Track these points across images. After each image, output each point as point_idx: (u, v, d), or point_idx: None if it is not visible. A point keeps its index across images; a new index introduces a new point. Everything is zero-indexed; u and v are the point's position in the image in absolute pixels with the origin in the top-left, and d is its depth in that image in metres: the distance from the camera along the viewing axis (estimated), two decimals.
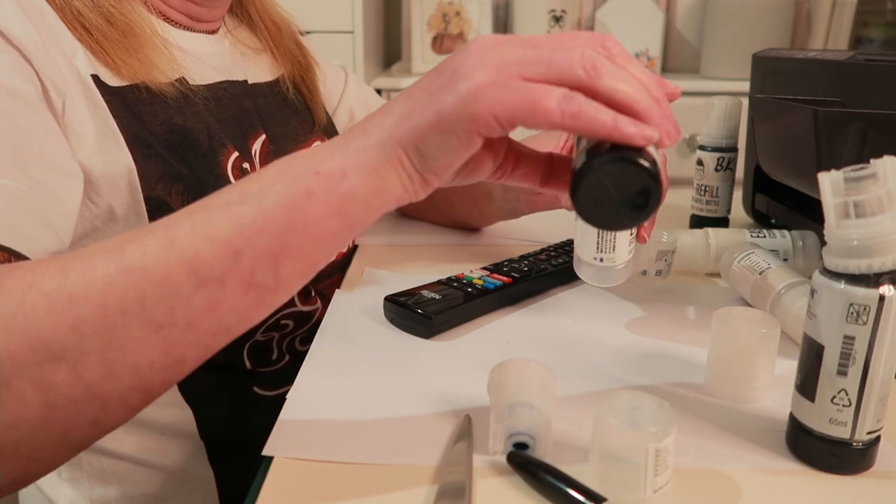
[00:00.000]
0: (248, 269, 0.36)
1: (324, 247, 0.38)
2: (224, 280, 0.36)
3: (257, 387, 0.63)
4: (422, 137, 0.36)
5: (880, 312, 0.36)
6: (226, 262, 0.36)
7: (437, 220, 0.85)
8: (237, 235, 0.36)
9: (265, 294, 0.37)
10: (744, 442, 0.43)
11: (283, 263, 0.37)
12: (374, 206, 0.38)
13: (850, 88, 0.63)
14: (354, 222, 0.38)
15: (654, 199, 0.36)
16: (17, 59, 0.47)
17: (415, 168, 0.37)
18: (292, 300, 0.62)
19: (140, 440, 0.60)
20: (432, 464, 0.40)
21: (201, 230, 0.36)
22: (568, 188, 0.42)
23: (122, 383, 0.36)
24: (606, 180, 0.36)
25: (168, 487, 0.62)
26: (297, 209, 0.36)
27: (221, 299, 0.36)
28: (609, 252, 0.51)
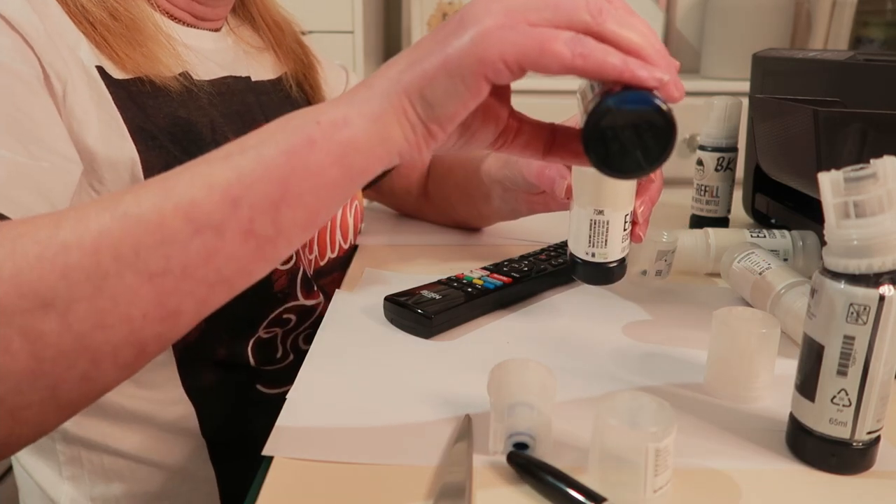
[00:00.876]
0: (246, 217, 0.35)
1: (325, 196, 0.37)
2: (222, 228, 0.35)
3: (261, 385, 0.63)
4: (428, 83, 0.36)
5: (880, 312, 0.36)
6: (224, 209, 0.35)
7: (436, 220, 0.86)
8: (236, 183, 0.35)
9: (264, 244, 0.36)
10: (744, 442, 0.43)
11: (282, 212, 0.36)
12: (377, 155, 0.37)
13: (850, 88, 0.63)
14: (356, 172, 0.37)
15: (670, 141, 0.36)
16: (18, 43, 0.48)
17: (419, 117, 0.37)
18: (294, 294, 0.62)
19: (142, 438, 0.60)
20: (432, 464, 0.40)
21: (199, 179, 0.36)
22: (570, 157, 0.42)
23: (114, 335, 0.35)
24: (621, 120, 0.36)
25: (169, 486, 0.62)
26: (297, 156, 0.36)
27: (219, 247, 0.35)
28: (601, 247, 0.51)
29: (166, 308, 0.36)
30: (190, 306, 0.36)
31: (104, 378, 0.36)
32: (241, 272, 0.37)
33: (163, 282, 0.35)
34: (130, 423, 0.59)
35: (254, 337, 0.61)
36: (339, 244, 0.73)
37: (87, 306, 0.34)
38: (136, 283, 0.35)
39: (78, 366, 0.35)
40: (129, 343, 0.36)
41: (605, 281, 0.53)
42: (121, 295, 0.34)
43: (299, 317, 0.64)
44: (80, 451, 0.60)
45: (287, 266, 0.61)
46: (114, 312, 0.35)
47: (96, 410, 0.58)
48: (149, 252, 0.34)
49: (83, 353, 0.35)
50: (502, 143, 0.42)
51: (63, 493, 0.61)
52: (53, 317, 0.34)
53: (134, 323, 0.35)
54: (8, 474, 1.18)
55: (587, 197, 0.51)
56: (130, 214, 0.35)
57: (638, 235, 0.53)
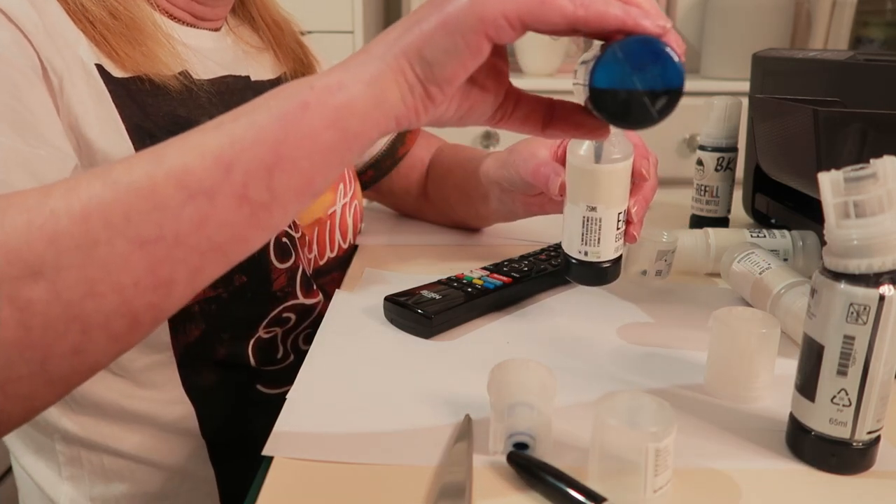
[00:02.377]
0: (239, 182, 0.35)
1: (319, 161, 0.36)
2: (214, 193, 0.34)
3: (261, 385, 0.63)
4: (426, 42, 0.35)
5: (880, 312, 0.36)
6: (216, 174, 0.34)
7: (436, 220, 0.86)
8: (228, 148, 0.35)
9: (258, 210, 0.35)
10: (744, 442, 0.43)
11: (276, 177, 0.35)
12: (373, 119, 0.36)
13: (850, 88, 0.63)
14: (351, 136, 0.36)
15: (679, 85, 0.36)
16: (17, 36, 0.48)
17: (417, 78, 0.36)
18: (294, 293, 0.62)
19: (141, 438, 0.60)
20: (432, 464, 0.40)
21: (191, 147, 0.35)
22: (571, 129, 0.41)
23: (105, 304, 0.34)
24: (628, 66, 0.35)
25: (169, 486, 0.62)
26: (290, 120, 0.35)
27: (211, 214, 0.35)
28: (594, 245, 0.51)
29: (158, 276, 0.35)
30: (183, 275, 0.35)
31: (95, 350, 0.35)
32: (235, 240, 0.36)
33: (155, 249, 0.34)
34: (130, 424, 0.59)
35: (254, 337, 0.61)
36: (339, 244, 0.72)
37: (77, 274, 0.33)
38: (127, 251, 0.34)
39: (68, 336, 0.34)
40: (120, 313, 0.35)
41: (599, 281, 0.52)
42: (111, 262, 0.34)
43: (299, 316, 0.64)
44: (80, 451, 0.60)
45: (286, 265, 0.61)
46: (104, 280, 0.34)
47: (96, 411, 0.58)
48: (140, 218, 0.34)
49: (73, 322, 0.34)
50: (501, 117, 0.42)
51: (63, 493, 0.61)
52: (42, 284, 0.33)
53: (125, 292, 0.34)
54: (8, 474, 1.18)
55: (580, 193, 0.50)
56: (121, 182, 0.34)
57: (632, 235, 0.53)
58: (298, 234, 0.64)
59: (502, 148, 1.60)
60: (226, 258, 0.37)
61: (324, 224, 0.70)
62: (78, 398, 0.58)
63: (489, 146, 1.57)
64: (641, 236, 0.61)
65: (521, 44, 1.61)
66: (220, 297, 0.57)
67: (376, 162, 0.84)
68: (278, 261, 0.60)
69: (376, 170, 0.85)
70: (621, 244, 0.52)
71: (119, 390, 0.58)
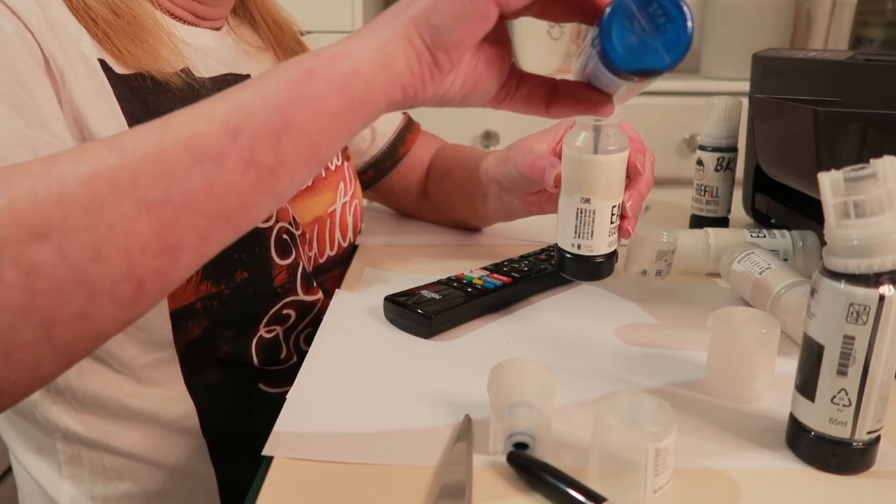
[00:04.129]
0: (247, 146, 0.35)
1: (326, 126, 0.36)
2: (221, 157, 0.34)
3: (263, 384, 0.63)
4: (434, 7, 0.36)
5: (880, 312, 0.36)
6: (223, 139, 0.35)
7: (436, 219, 0.86)
8: (235, 114, 0.35)
9: (265, 175, 0.35)
10: (744, 442, 0.43)
11: (283, 141, 0.35)
12: (379, 84, 0.36)
13: (850, 88, 0.63)
14: (358, 101, 0.36)
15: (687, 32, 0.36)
16: (19, 27, 0.49)
17: (424, 44, 0.36)
18: (294, 289, 0.62)
19: (142, 437, 0.60)
20: (432, 464, 0.40)
21: (199, 114, 0.35)
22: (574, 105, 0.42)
23: (112, 268, 0.34)
24: (636, 7, 0.36)
25: (169, 485, 0.62)
26: (297, 86, 0.35)
27: (219, 178, 0.35)
28: (587, 238, 0.51)
29: (166, 241, 0.35)
30: (190, 241, 0.35)
31: (101, 317, 0.35)
32: (242, 206, 0.36)
33: (162, 213, 0.34)
34: (131, 422, 0.59)
35: (256, 336, 0.61)
36: (339, 242, 0.73)
37: (84, 237, 0.33)
38: (134, 214, 0.34)
39: (74, 301, 0.34)
40: (127, 278, 0.34)
41: (592, 276, 0.52)
42: (118, 225, 0.34)
43: (299, 313, 0.64)
44: (81, 449, 0.60)
45: (287, 261, 0.61)
46: (111, 244, 0.34)
47: (98, 409, 0.58)
48: (147, 182, 0.34)
49: (79, 286, 0.34)
50: (504, 96, 0.42)
51: (63, 492, 0.61)
52: (48, 247, 0.33)
53: (132, 256, 0.34)
54: (8, 474, 1.18)
55: (574, 185, 0.50)
56: (128, 147, 0.34)
57: (626, 230, 0.53)
58: (299, 231, 0.64)
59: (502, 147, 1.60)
60: (233, 225, 0.36)
61: (324, 222, 0.70)
62: (80, 396, 0.58)
63: (489, 146, 1.57)
64: (641, 236, 0.61)
65: (521, 44, 1.61)
66: (223, 293, 0.57)
67: (376, 162, 0.84)
68: (279, 257, 0.60)
69: (376, 170, 0.85)
70: (615, 239, 0.52)
71: (121, 388, 0.58)
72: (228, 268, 0.57)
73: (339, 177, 0.73)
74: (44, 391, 0.58)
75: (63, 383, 0.57)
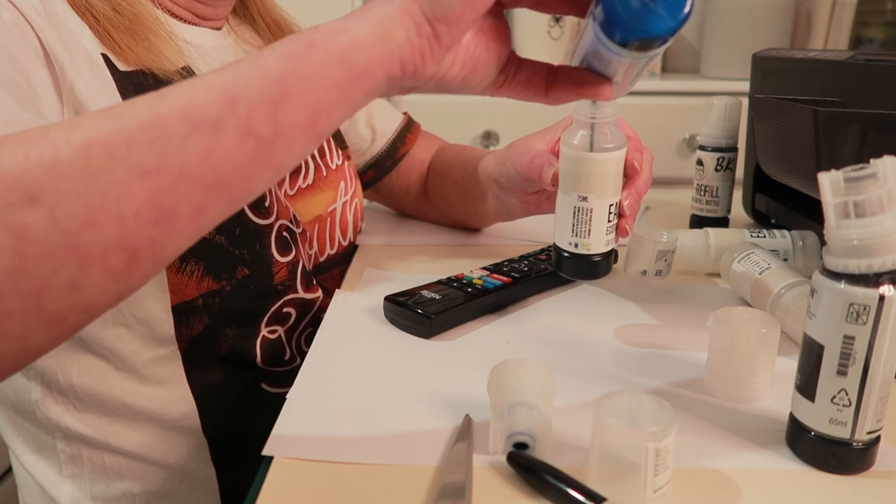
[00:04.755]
0: (244, 115, 0.34)
1: (325, 97, 0.36)
2: (219, 126, 0.34)
3: (266, 384, 0.63)
4: None
5: (880, 312, 0.36)
6: (220, 107, 0.34)
7: (436, 219, 0.86)
8: (233, 84, 0.35)
9: (263, 145, 0.35)
10: (744, 442, 0.43)
11: (281, 110, 0.35)
12: (378, 57, 0.36)
13: (850, 88, 0.63)
14: (357, 73, 0.36)
15: None
16: (18, 19, 0.49)
17: (424, 16, 0.36)
18: (294, 287, 0.62)
19: (143, 436, 0.60)
20: (432, 464, 0.40)
21: (196, 85, 0.35)
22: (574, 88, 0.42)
23: (104, 235, 0.33)
24: None
25: (169, 485, 0.62)
26: (296, 57, 0.35)
27: (216, 146, 0.34)
28: (584, 237, 0.51)
29: (160, 209, 0.34)
30: (185, 210, 0.35)
31: (93, 287, 0.34)
32: (239, 176, 0.35)
33: (157, 180, 0.33)
34: (133, 422, 0.59)
35: (259, 336, 0.61)
36: (339, 241, 0.73)
37: (76, 203, 0.33)
38: (128, 180, 0.33)
39: (65, 268, 0.33)
40: (119, 246, 0.34)
41: (589, 275, 0.52)
42: (112, 191, 0.33)
43: (299, 311, 0.64)
44: (81, 449, 0.60)
45: (287, 259, 0.61)
46: (104, 210, 0.33)
47: (99, 408, 0.58)
48: (143, 149, 0.33)
49: (70, 253, 0.33)
50: (504, 80, 0.42)
51: (63, 491, 0.61)
52: (39, 212, 0.32)
53: (125, 223, 0.33)
54: (8, 474, 1.18)
55: (571, 183, 0.50)
56: (123, 115, 0.34)
57: (624, 229, 0.53)
58: (300, 229, 0.64)
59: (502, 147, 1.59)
60: (230, 196, 0.36)
61: (324, 221, 0.70)
62: (81, 395, 0.58)
63: (489, 146, 1.57)
64: (641, 236, 0.61)
65: (521, 44, 1.61)
66: (224, 290, 0.57)
67: (376, 162, 0.84)
68: (280, 255, 0.60)
69: (376, 170, 0.85)
70: (613, 238, 0.52)
71: (123, 387, 0.58)
72: (229, 264, 0.57)
73: (340, 176, 0.74)
74: (45, 390, 0.58)
75: (64, 382, 0.57)
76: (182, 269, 0.55)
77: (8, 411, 0.62)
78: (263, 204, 0.59)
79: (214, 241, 0.56)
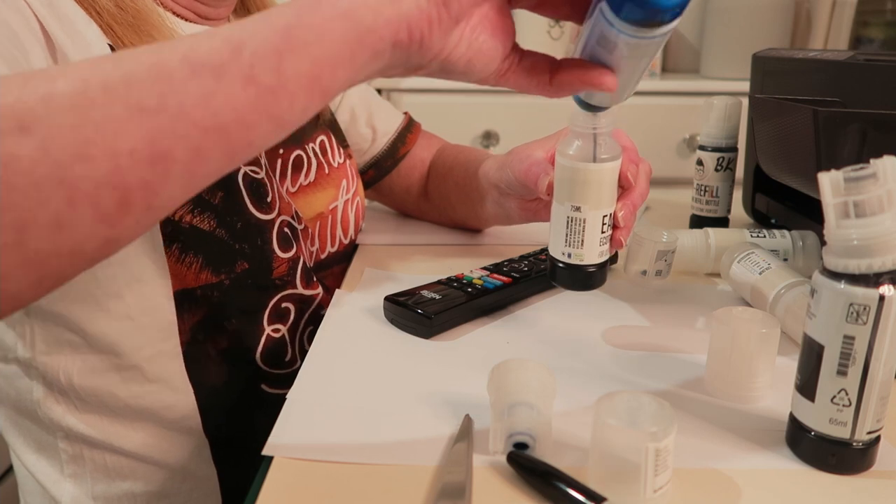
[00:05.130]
0: (247, 62, 0.34)
1: (330, 51, 0.36)
2: (221, 71, 0.34)
3: (266, 385, 0.63)
4: None
5: (880, 312, 0.36)
6: (224, 53, 0.34)
7: (436, 219, 0.86)
8: (238, 32, 0.35)
9: (265, 94, 0.35)
10: (744, 442, 0.43)
11: (285, 60, 0.35)
12: (385, 16, 0.36)
13: (850, 88, 0.63)
14: (363, 30, 0.36)
15: None
16: (21, 4, 0.49)
17: None
18: (293, 282, 0.62)
19: (144, 437, 0.60)
20: (432, 464, 0.40)
21: (201, 35, 0.35)
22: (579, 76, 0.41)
23: (96, 170, 0.32)
24: None
25: (170, 485, 0.62)
26: (302, 10, 0.35)
27: (217, 90, 0.34)
28: (578, 247, 0.50)
29: (156, 148, 0.33)
30: (181, 152, 0.34)
31: (79, 227, 0.33)
32: (239, 123, 0.35)
33: (155, 118, 0.33)
34: (134, 422, 0.59)
35: (263, 333, 0.61)
36: (340, 239, 0.73)
37: (69, 135, 0.32)
38: (125, 116, 0.32)
39: (52, 203, 0.32)
40: (111, 184, 0.32)
41: (582, 286, 0.52)
42: (107, 127, 0.32)
43: (298, 307, 0.64)
44: (83, 448, 0.60)
45: (288, 254, 0.61)
46: (98, 143, 0.32)
47: (100, 407, 0.58)
48: (142, 88, 0.33)
49: (59, 186, 0.32)
50: (508, 67, 0.42)
51: (65, 491, 0.61)
52: (30, 141, 0.31)
53: (119, 159, 0.32)
54: (8, 474, 1.19)
55: (566, 193, 0.50)
56: (125, 57, 0.33)
57: (619, 240, 0.53)
58: (302, 226, 0.65)
59: (502, 148, 1.59)
60: (228, 143, 0.35)
61: (325, 218, 0.70)
62: (83, 395, 0.58)
63: (489, 146, 1.57)
64: (641, 236, 0.61)
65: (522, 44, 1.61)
66: (223, 283, 0.57)
67: (377, 162, 0.84)
68: (281, 250, 0.61)
69: (377, 169, 0.85)
70: (607, 249, 0.52)
71: (124, 387, 0.58)
72: (229, 258, 0.57)
73: (342, 174, 0.74)
74: (47, 390, 0.58)
75: (66, 382, 0.57)
76: (182, 260, 0.55)
77: (9, 410, 0.62)
78: (266, 199, 0.59)
79: (215, 235, 0.56)
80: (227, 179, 0.57)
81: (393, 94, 1.55)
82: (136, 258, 0.55)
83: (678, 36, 1.80)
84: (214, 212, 0.56)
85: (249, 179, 0.58)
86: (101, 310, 0.55)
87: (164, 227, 0.54)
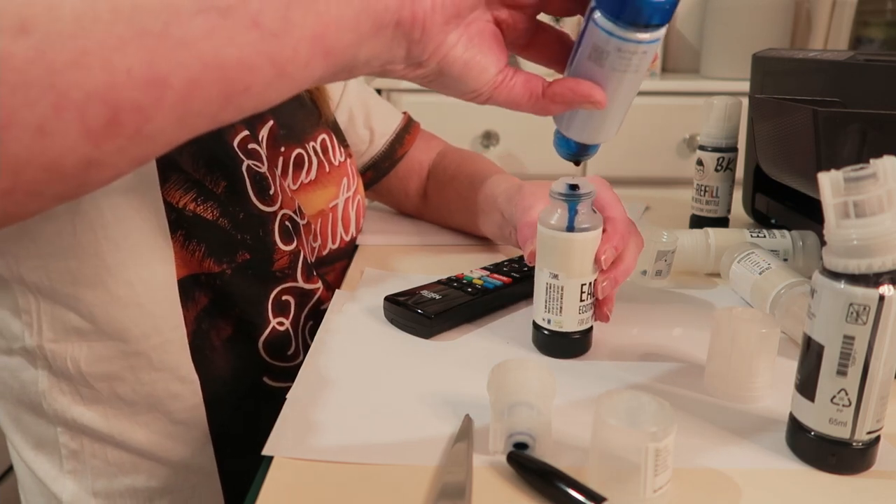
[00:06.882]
0: (255, 7, 0.35)
1: (336, 9, 0.37)
2: (227, 11, 0.34)
3: (269, 378, 0.63)
4: None
5: (880, 312, 0.36)
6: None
7: (435, 222, 0.86)
8: None
9: (268, 37, 0.35)
10: (744, 442, 0.43)
11: (292, 9, 0.36)
12: None
13: (850, 88, 0.63)
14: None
15: None
16: None
17: None
18: (294, 275, 0.62)
19: (149, 431, 0.60)
20: (432, 464, 0.40)
21: None
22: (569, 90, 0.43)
23: (89, 79, 0.31)
24: None
25: (173, 480, 0.62)
26: None
27: (221, 27, 0.34)
28: (556, 314, 0.51)
29: (153, 70, 0.33)
30: (178, 80, 0.33)
31: (62, 138, 0.32)
32: (239, 62, 0.35)
33: (157, 42, 0.33)
34: (139, 414, 0.59)
35: (269, 325, 0.61)
36: (341, 236, 0.73)
37: (69, 42, 0.31)
38: (127, 35, 0.32)
39: (38, 106, 0.31)
40: (102, 98, 0.32)
41: (561, 353, 0.52)
42: (109, 41, 0.32)
43: (298, 300, 0.64)
44: (84, 444, 0.60)
45: (289, 248, 0.62)
46: (96, 54, 0.31)
47: (107, 397, 0.58)
48: (149, 13, 0.33)
49: (49, 90, 0.31)
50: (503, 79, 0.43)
51: (65, 488, 0.61)
52: (27, 41, 0.31)
53: (115, 74, 0.32)
54: (8, 473, 1.19)
55: (545, 260, 0.51)
56: None
57: (605, 315, 0.53)
58: (304, 221, 0.65)
59: (502, 148, 1.59)
60: (226, 82, 0.35)
61: (326, 216, 0.71)
62: (90, 382, 0.57)
63: (489, 146, 1.57)
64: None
65: None
66: (224, 273, 0.57)
67: (375, 163, 0.85)
68: (282, 242, 0.61)
69: (375, 171, 0.85)
70: (588, 317, 0.52)
71: (132, 374, 0.58)
72: (231, 248, 0.58)
73: (343, 172, 0.74)
74: (53, 379, 0.58)
75: (74, 369, 0.57)
76: (186, 247, 0.56)
77: (9, 405, 0.62)
78: (268, 192, 0.60)
79: (217, 224, 0.56)
80: (230, 170, 0.57)
81: (393, 94, 1.55)
82: (144, 243, 0.55)
83: (678, 36, 1.81)
84: (217, 201, 0.57)
85: (253, 172, 0.59)
86: (110, 295, 0.55)
87: (168, 214, 0.55)
